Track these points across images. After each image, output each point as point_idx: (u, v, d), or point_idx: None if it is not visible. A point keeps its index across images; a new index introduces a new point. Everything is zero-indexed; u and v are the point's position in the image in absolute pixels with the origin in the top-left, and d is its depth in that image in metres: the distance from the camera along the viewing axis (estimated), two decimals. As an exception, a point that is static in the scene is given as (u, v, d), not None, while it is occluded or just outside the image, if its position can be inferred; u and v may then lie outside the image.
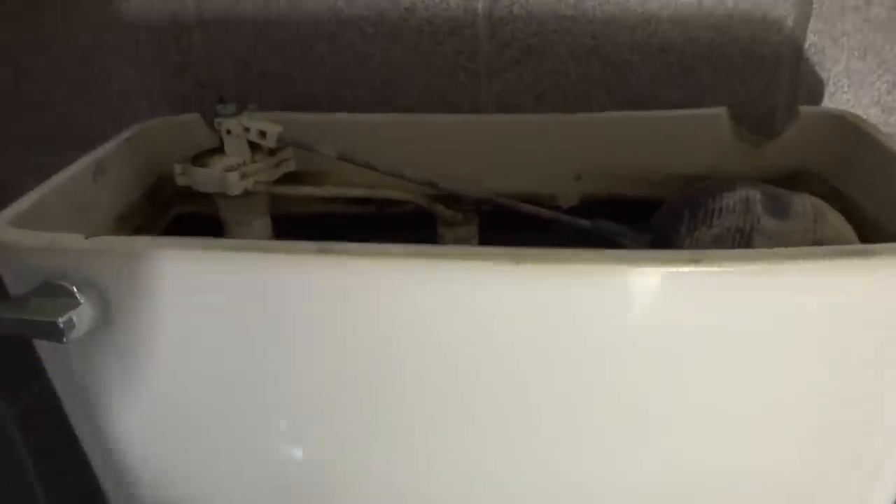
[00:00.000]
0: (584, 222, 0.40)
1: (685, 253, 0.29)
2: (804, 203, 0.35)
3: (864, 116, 0.44)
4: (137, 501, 0.40)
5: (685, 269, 0.28)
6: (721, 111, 0.45)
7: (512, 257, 0.29)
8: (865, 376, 0.31)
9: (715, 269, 0.28)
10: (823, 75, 0.46)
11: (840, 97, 0.47)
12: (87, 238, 0.32)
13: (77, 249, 0.31)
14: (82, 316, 0.31)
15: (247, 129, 0.42)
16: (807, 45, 0.45)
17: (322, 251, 0.30)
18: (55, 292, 0.31)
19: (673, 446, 0.34)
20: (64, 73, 0.51)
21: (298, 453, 0.36)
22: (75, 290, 0.31)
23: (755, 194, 0.35)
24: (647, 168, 0.46)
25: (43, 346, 0.35)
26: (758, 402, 0.32)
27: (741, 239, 0.34)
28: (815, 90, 0.46)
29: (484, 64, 0.48)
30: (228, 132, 0.42)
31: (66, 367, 0.35)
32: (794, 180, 0.45)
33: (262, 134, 0.42)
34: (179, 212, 0.49)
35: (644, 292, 0.29)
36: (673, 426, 0.33)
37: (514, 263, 0.29)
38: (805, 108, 0.44)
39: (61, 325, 0.30)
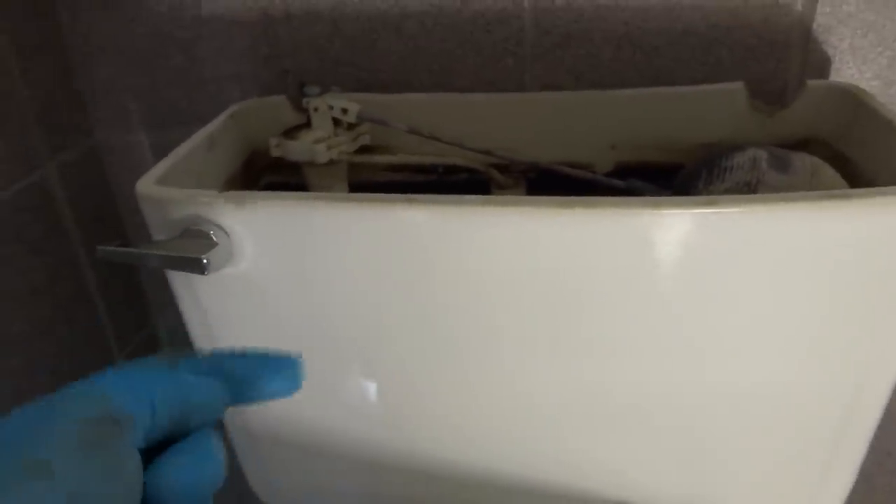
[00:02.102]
0: (619, 182, 0.47)
1: (703, 198, 0.36)
2: (803, 160, 0.41)
3: (867, 89, 0.50)
4: (247, 418, 0.48)
5: (703, 210, 0.35)
6: (738, 86, 0.51)
7: (563, 203, 0.36)
8: (855, 299, 0.38)
9: (726, 209, 0.35)
10: (830, 52, 0.52)
11: (845, 72, 0.53)
12: (219, 192, 0.40)
13: (212, 202, 0.39)
14: (217, 255, 0.39)
15: (331, 107, 0.50)
16: (815, 26, 0.52)
17: (409, 201, 0.38)
18: (195, 236, 0.40)
19: (692, 364, 0.41)
20: (167, 62, 0.59)
21: (388, 377, 0.44)
22: (212, 234, 0.39)
23: (761, 153, 0.41)
24: (673, 137, 0.53)
25: (178, 283, 0.44)
26: (764, 324, 0.38)
27: (749, 191, 0.41)
28: (822, 66, 0.53)
29: (528, 49, 0.55)
30: (315, 110, 0.50)
31: (196, 301, 0.43)
32: (803, 146, 0.51)
33: (344, 111, 0.50)
34: (269, 181, 0.57)
35: (670, 231, 0.36)
36: (691, 347, 0.40)
37: (565, 208, 0.36)
38: (813, 82, 0.50)
39: (205, 261, 0.38)
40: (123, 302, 0.66)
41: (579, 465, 0.46)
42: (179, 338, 0.70)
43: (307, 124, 0.51)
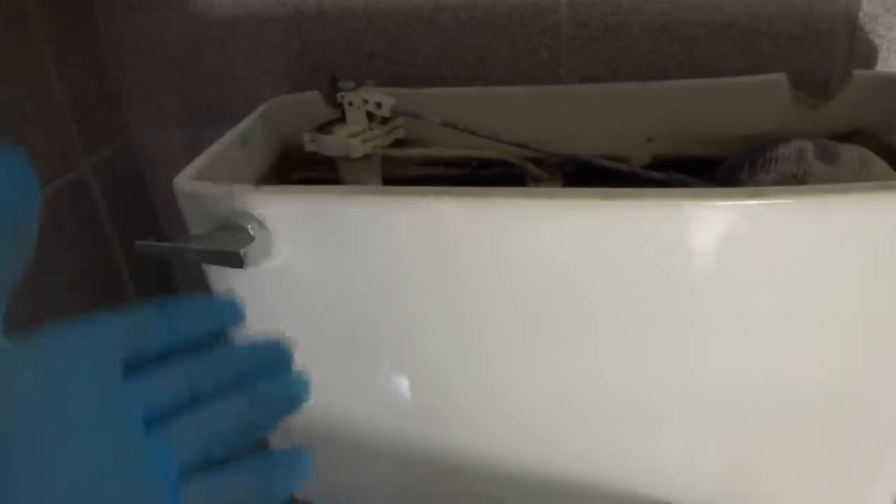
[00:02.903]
0: (658, 175, 0.46)
1: (749, 189, 0.35)
2: (851, 151, 0.40)
3: (915, 79, 0.48)
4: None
5: (749, 202, 0.34)
6: (781, 77, 0.50)
7: (604, 195, 0.36)
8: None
9: (773, 201, 0.34)
10: (876, 41, 0.51)
11: (893, 61, 0.51)
12: (256, 187, 0.40)
13: (251, 196, 0.39)
14: (255, 248, 0.39)
15: (365, 101, 0.49)
16: (861, 15, 0.50)
17: (444, 194, 0.38)
18: (233, 230, 0.40)
19: (734, 360, 0.40)
20: (200, 60, 0.59)
21: (419, 371, 0.44)
22: (249, 228, 0.39)
23: (808, 144, 0.40)
24: (712, 130, 0.52)
25: (215, 277, 0.44)
26: (810, 318, 0.37)
27: (795, 183, 0.40)
28: (868, 56, 0.51)
29: (565, 42, 0.55)
30: (350, 104, 0.49)
31: (230, 289, 0.43)
32: (848, 139, 0.50)
33: (378, 105, 0.49)
34: (300, 177, 0.57)
35: (714, 224, 0.35)
36: (735, 342, 0.39)
37: (607, 200, 0.35)
38: (859, 72, 0.49)
39: (243, 255, 0.38)
40: (157, 297, 0.67)
41: (612, 462, 0.45)
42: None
43: (341, 119, 0.51)
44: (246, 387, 0.26)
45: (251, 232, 0.39)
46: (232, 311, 0.27)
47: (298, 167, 0.56)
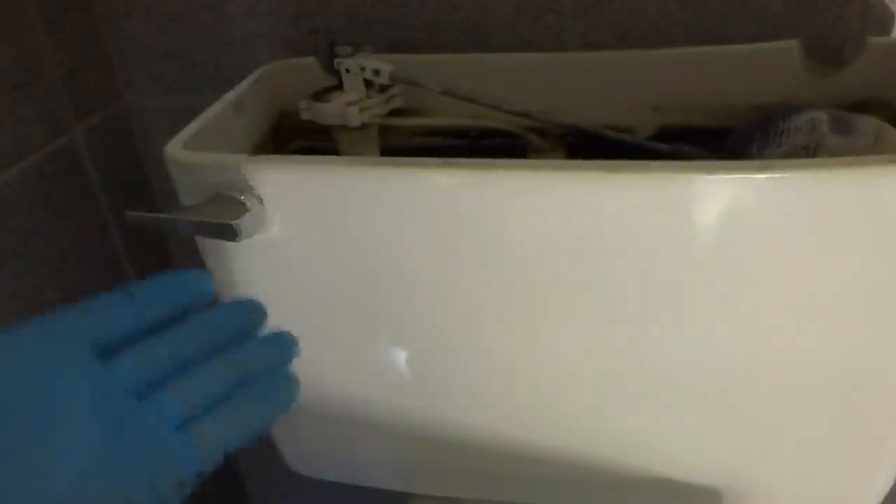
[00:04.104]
0: (664, 146, 0.45)
1: (759, 162, 0.33)
2: (866, 122, 0.39)
3: (933, 46, 0.46)
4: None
5: (759, 175, 0.33)
6: (792, 44, 0.48)
7: (609, 168, 0.34)
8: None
9: (785, 174, 0.33)
10: (893, 7, 0.49)
11: (910, 28, 0.49)
12: (249, 156, 0.38)
13: (244, 166, 0.38)
14: (248, 220, 0.38)
15: (363, 68, 0.48)
16: (878, -21, 0.48)
17: (444, 165, 0.36)
18: (226, 201, 0.38)
19: (738, 336, 0.39)
20: (195, 23, 0.57)
21: (420, 344, 0.43)
22: (243, 199, 0.38)
23: (821, 115, 0.39)
24: (721, 99, 0.50)
25: (208, 250, 0.43)
26: (820, 294, 0.36)
27: (807, 156, 0.38)
28: (884, 21, 0.49)
29: (568, 6, 0.53)
30: (347, 71, 0.48)
31: (227, 268, 0.42)
32: (862, 109, 0.48)
33: (376, 72, 0.48)
34: (298, 146, 0.55)
35: (723, 198, 0.34)
36: (740, 318, 0.38)
37: (612, 172, 0.34)
38: (874, 39, 0.47)
39: (236, 227, 0.37)
40: (153, 272, 0.66)
41: (616, 438, 0.45)
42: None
43: (338, 86, 0.49)
44: (226, 349, 0.26)
45: (245, 203, 0.38)
46: (198, 286, 0.27)
47: (294, 136, 0.55)
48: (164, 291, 0.26)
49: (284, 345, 0.28)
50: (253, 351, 0.27)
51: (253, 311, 0.28)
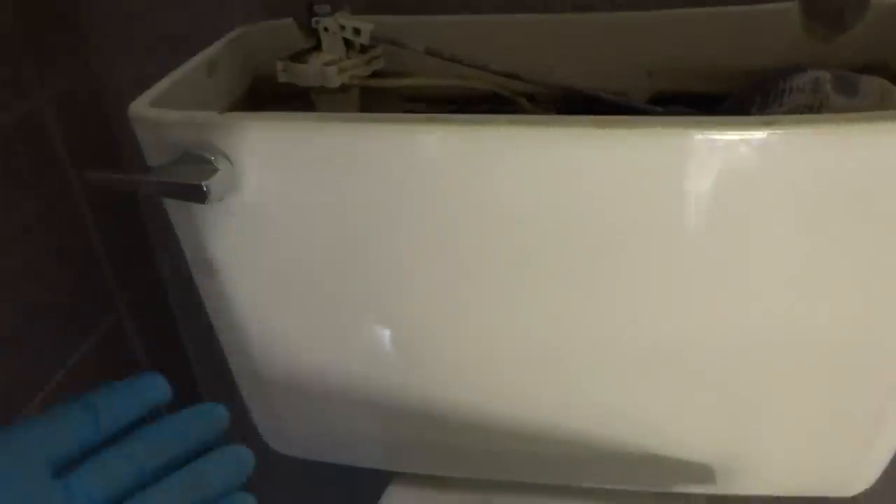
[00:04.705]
0: (658, 109, 0.43)
1: (761, 118, 0.32)
2: (872, 83, 0.37)
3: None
4: (256, 360, 0.45)
5: (761, 131, 0.31)
6: (791, 6, 0.46)
7: (603, 123, 0.32)
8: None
9: (788, 130, 0.31)
10: (896, -32, 0.47)
11: (912, -10, 0.48)
12: (221, 114, 0.36)
13: (213, 124, 0.36)
14: (219, 181, 0.36)
15: (342, 27, 0.45)
16: (880, -62, 0.46)
17: (430, 121, 0.34)
18: (195, 161, 0.36)
19: (736, 303, 0.37)
20: (165, -17, 0.55)
21: (403, 315, 0.41)
22: (213, 159, 0.36)
23: (825, 75, 0.37)
24: (718, 64, 0.48)
25: (177, 214, 0.40)
26: (822, 259, 0.35)
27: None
28: (886, -17, 0.47)
29: (559, -33, 0.50)
30: (326, 30, 0.45)
31: (196, 232, 0.40)
32: (862, 73, 0.46)
33: (357, 31, 0.45)
34: (273, 110, 0.53)
35: (722, 155, 0.32)
36: (741, 279, 0.36)
37: (606, 128, 0.32)
38: (877, 1, 0.45)
39: (205, 188, 0.35)
40: (124, 243, 0.63)
41: (607, 413, 0.43)
42: (184, 281, 0.67)
43: (316, 48, 0.47)
44: (186, 462, 0.26)
45: (214, 163, 0.36)
46: (156, 391, 0.27)
47: (270, 101, 0.52)
48: (124, 400, 0.26)
49: (242, 462, 0.28)
50: (211, 466, 0.27)
51: (214, 417, 0.28)
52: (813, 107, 0.36)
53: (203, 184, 0.34)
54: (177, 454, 0.26)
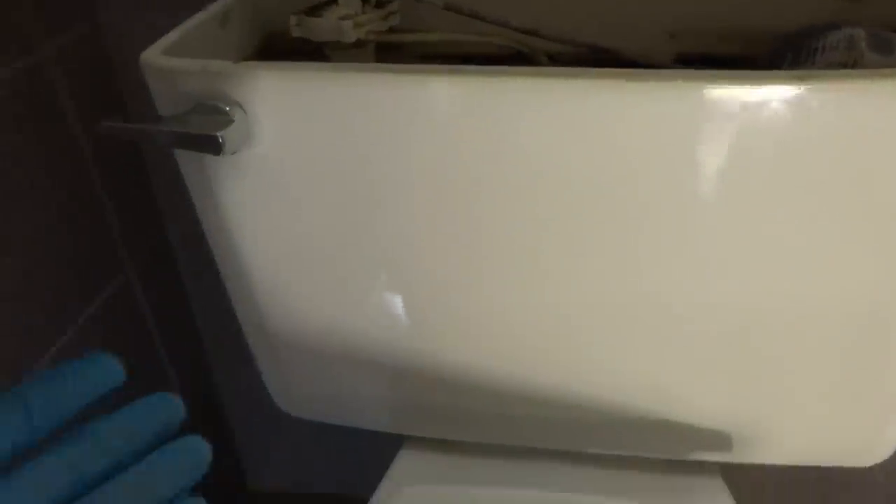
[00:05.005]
0: (683, 70, 0.41)
1: (794, 72, 0.31)
2: (908, 40, 0.36)
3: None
4: (267, 320, 0.45)
5: (795, 86, 0.30)
6: (820, -36, 0.45)
7: (630, 76, 0.31)
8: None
9: (822, 85, 0.30)
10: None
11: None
12: (235, 63, 0.35)
13: (228, 73, 0.34)
14: (233, 132, 0.35)
15: (359, -20, 0.44)
16: None
17: (448, 72, 0.33)
18: (208, 112, 0.35)
19: (760, 266, 0.36)
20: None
21: (410, 274, 0.40)
22: (227, 109, 0.35)
23: (860, 32, 0.36)
24: (742, 25, 0.47)
25: (188, 167, 0.39)
26: (851, 220, 0.34)
27: (844, 75, 0.35)
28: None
29: (582, -78, 0.49)
30: (342, -18, 0.44)
31: (208, 186, 0.39)
32: None
33: (373, -16, 0.44)
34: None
35: (752, 113, 0.31)
36: (766, 242, 0.35)
37: (633, 81, 0.31)
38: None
39: (220, 139, 0.34)
40: (133, 204, 0.62)
41: (618, 377, 0.43)
42: (193, 244, 0.67)
43: (332, 2, 0.45)
44: (136, 461, 0.23)
45: (229, 114, 0.35)
46: (105, 374, 0.23)
47: (282, 58, 0.51)
48: (65, 390, 0.22)
49: (197, 458, 0.24)
50: (163, 465, 0.23)
51: (167, 409, 0.24)
52: (847, 64, 0.35)
53: (218, 134, 0.33)
54: (125, 453, 0.23)
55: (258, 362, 0.49)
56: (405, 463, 0.50)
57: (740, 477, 0.51)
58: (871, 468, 0.44)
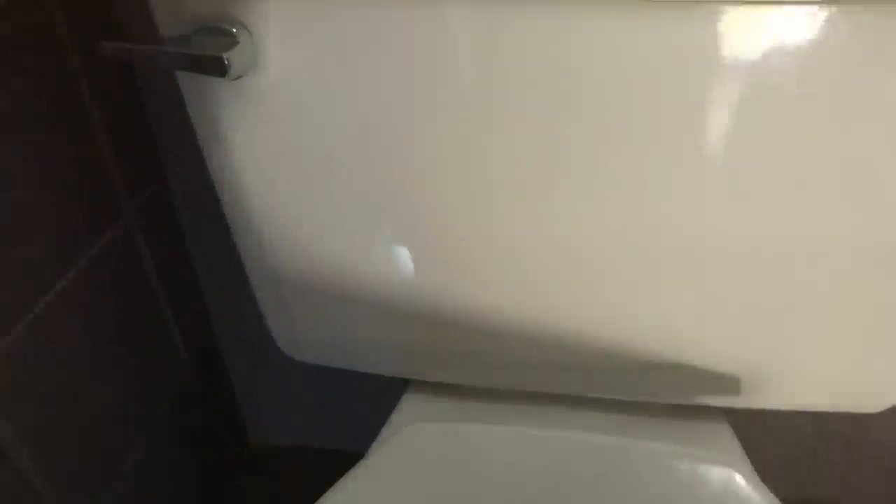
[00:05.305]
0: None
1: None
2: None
3: None
4: (271, 258, 0.44)
5: (829, 7, 0.29)
6: None
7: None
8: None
9: (841, 7, 0.29)
10: None
11: None
12: (241, -18, 0.34)
13: (234, -8, 0.33)
14: (239, 54, 0.34)
15: None
16: None
17: (466, -7, 0.32)
18: (213, 34, 0.34)
19: (771, 199, 0.36)
20: None
21: (417, 212, 0.40)
22: (233, 31, 0.34)
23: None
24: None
25: (190, 95, 0.38)
26: (865, 148, 0.33)
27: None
28: None
29: None
30: None
31: (212, 117, 0.38)
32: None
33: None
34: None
35: (781, 31, 0.30)
36: (779, 173, 0.34)
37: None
38: None
39: (226, 60, 0.32)
40: (132, 148, 0.61)
41: (628, 319, 0.42)
42: (192, 194, 0.66)
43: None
44: None
45: (235, 35, 0.34)
46: None
47: None
48: None
49: None
50: None
51: None
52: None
53: (224, 56, 0.32)
54: None
55: (261, 305, 0.48)
56: (409, 405, 0.50)
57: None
58: (869, 426, 0.44)
